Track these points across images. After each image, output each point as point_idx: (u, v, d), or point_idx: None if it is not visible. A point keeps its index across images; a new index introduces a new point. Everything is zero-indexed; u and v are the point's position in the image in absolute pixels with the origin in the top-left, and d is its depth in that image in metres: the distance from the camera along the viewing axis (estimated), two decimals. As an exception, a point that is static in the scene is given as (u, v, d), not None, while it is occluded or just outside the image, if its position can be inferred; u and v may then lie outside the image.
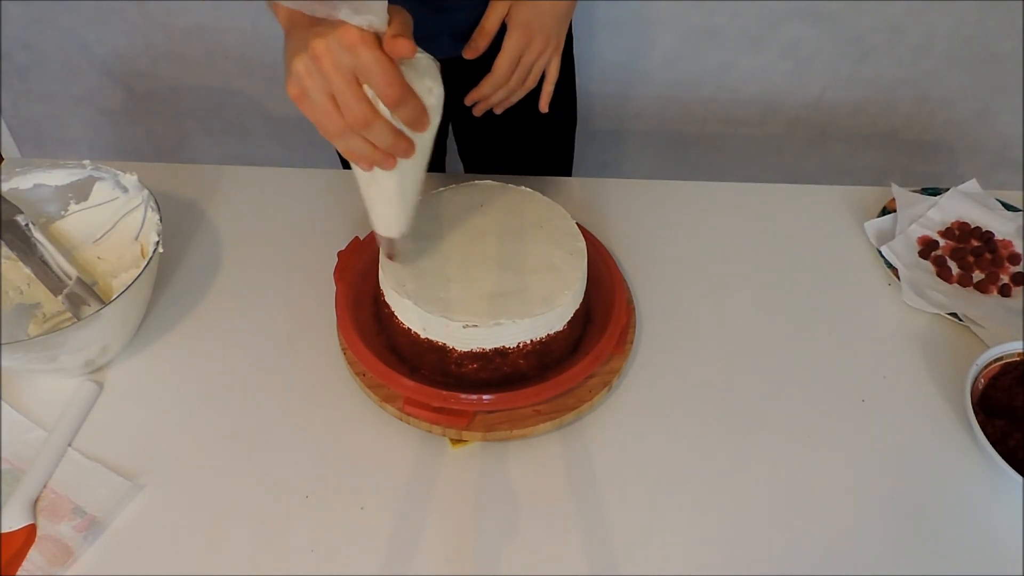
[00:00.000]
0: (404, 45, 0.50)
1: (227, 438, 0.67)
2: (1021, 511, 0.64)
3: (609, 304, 0.73)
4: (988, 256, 0.83)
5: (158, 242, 0.70)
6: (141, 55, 1.64)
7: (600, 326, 0.72)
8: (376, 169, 0.56)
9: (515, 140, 1.07)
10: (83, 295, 0.72)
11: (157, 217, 0.73)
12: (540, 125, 1.07)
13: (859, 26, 1.49)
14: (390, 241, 0.65)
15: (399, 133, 0.53)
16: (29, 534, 0.60)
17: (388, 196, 0.60)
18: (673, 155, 1.72)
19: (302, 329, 0.76)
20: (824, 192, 0.93)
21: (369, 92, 0.51)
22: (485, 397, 0.65)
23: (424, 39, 0.93)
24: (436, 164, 1.15)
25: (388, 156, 0.54)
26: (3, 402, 0.68)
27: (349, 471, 0.65)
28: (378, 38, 0.50)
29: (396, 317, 0.69)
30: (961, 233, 0.86)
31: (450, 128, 1.12)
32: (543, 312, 0.66)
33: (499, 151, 1.09)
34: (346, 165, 1.11)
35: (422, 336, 0.67)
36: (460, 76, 0.97)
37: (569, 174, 1.16)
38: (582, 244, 0.72)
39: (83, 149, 1.85)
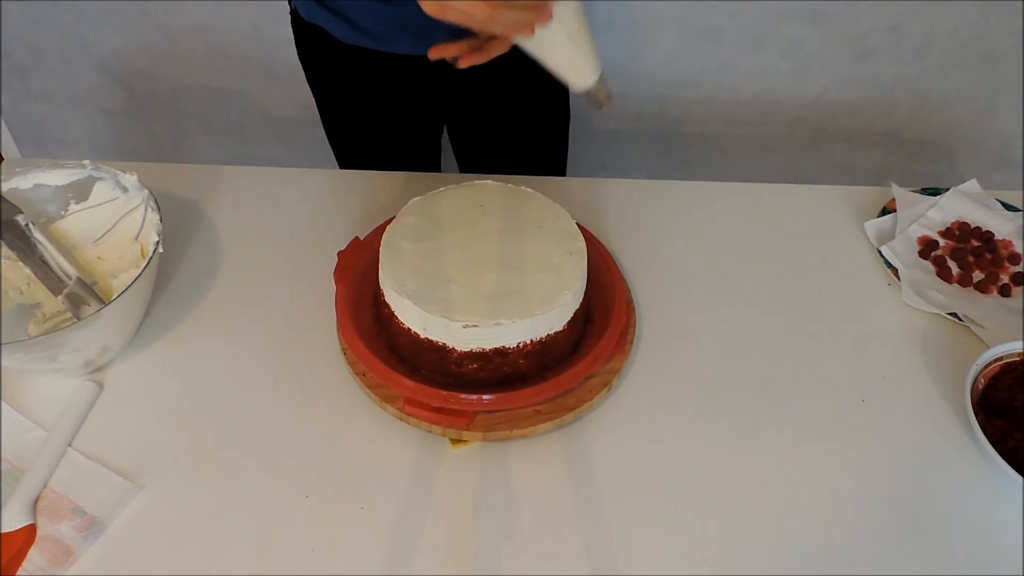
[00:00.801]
0: None
1: (227, 438, 0.67)
2: (1021, 511, 0.64)
3: (609, 304, 0.73)
4: (988, 256, 0.83)
5: (158, 242, 0.70)
6: (141, 55, 1.64)
7: (600, 326, 0.72)
8: (540, 32, 0.61)
9: (509, 137, 1.07)
10: (83, 295, 0.72)
11: (157, 217, 0.73)
12: (534, 122, 1.07)
13: (859, 26, 1.48)
14: (593, 89, 0.69)
15: None
16: (29, 534, 0.60)
17: (565, 50, 0.66)
18: (673, 155, 1.72)
19: (302, 329, 0.76)
20: (824, 192, 0.93)
21: None
22: (485, 397, 0.65)
23: (422, 36, 0.94)
24: (431, 162, 1.15)
25: (540, 10, 0.59)
26: (3, 402, 0.68)
27: (349, 471, 0.65)
28: None
29: (396, 317, 0.69)
30: (961, 233, 0.86)
31: (444, 127, 1.13)
32: (543, 312, 0.66)
33: (494, 148, 1.09)
34: (345, 165, 1.11)
35: (422, 336, 0.67)
36: (453, 75, 0.97)
37: (564, 170, 1.16)
38: (582, 244, 0.72)
39: (83, 149, 1.85)
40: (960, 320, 0.77)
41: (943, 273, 0.83)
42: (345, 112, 1.04)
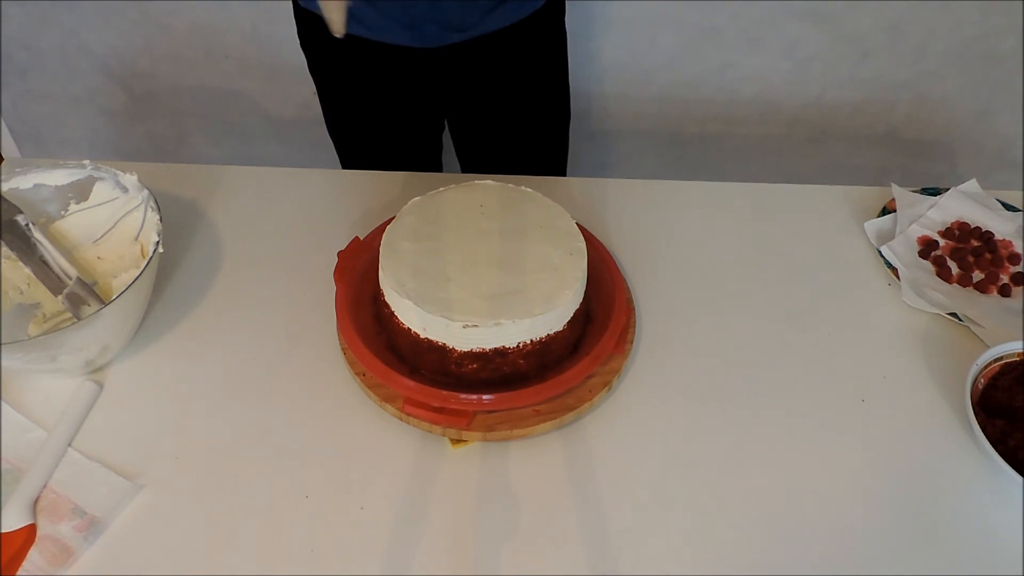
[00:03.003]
0: None
1: (227, 438, 0.67)
2: (1021, 511, 0.64)
3: (609, 304, 0.73)
4: (988, 256, 0.83)
5: (158, 242, 0.70)
6: (141, 55, 1.64)
7: (600, 326, 0.72)
8: None
9: (510, 135, 1.07)
10: (83, 295, 0.72)
11: (157, 217, 0.73)
12: (534, 120, 1.07)
13: (859, 26, 1.48)
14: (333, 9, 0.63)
15: None
16: (29, 534, 0.60)
17: None
18: (673, 155, 1.72)
19: (302, 329, 0.76)
20: (824, 192, 0.93)
21: None
22: (485, 397, 0.65)
23: (408, 26, 0.94)
24: (432, 160, 1.15)
25: None
26: (3, 402, 0.68)
27: (349, 471, 0.65)
28: None
29: (396, 317, 0.69)
30: (961, 233, 0.86)
31: (446, 124, 1.13)
32: (543, 312, 0.65)
33: (495, 146, 1.09)
34: (346, 165, 1.11)
35: (422, 336, 0.67)
36: (452, 69, 0.98)
37: (564, 168, 1.16)
38: (582, 244, 0.72)
39: (83, 149, 1.85)
40: (960, 320, 0.77)
41: (943, 273, 0.83)
42: (345, 104, 1.04)
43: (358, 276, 0.75)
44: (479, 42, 0.94)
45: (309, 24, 0.96)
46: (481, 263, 0.69)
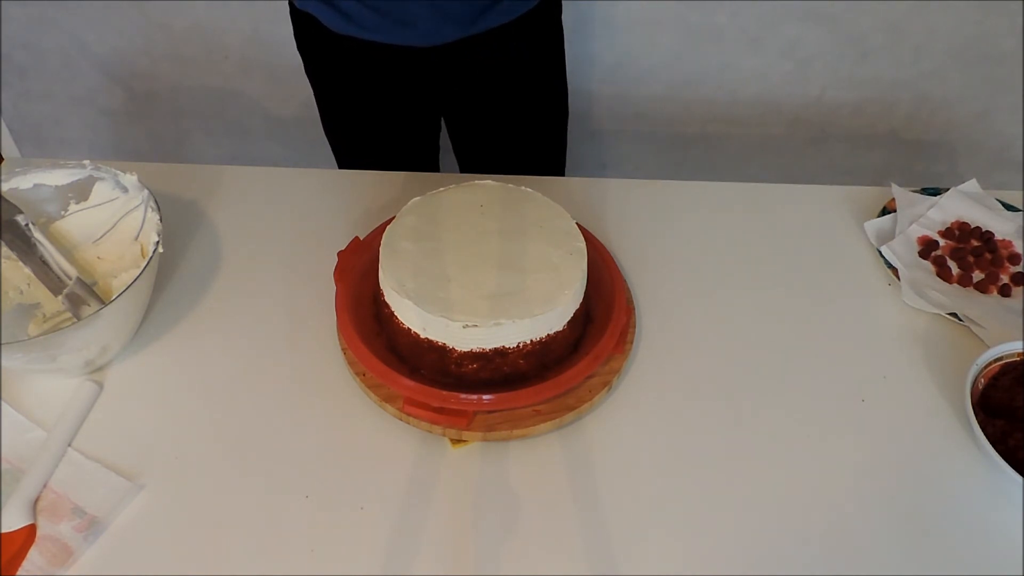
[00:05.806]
0: None
1: (227, 438, 0.67)
2: (1021, 511, 0.64)
3: (609, 304, 0.73)
4: (988, 256, 0.83)
5: (158, 242, 0.70)
6: (141, 55, 1.64)
7: (600, 326, 0.72)
8: None
9: (508, 135, 1.07)
10: (83, 295, 0.72)
11: (157, 217, 0.73)
12: (532, 119, 1.07)
13: (859, 26, 1.48)
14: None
15: None
16: (29, 534, 0.60)
17: None
18: (673, 155, 1.72)
19: (302, 329, 0.76)
20: (824, 192, 0.93)
21: None
22: (485, 397, 0.65)
23: (404, 23, 0.94)
24: (430, 161, 1.15)
25: None
26: (3, 402, 0.68)
27: (349, 471, 0.65)
28: None
29: (396, 317, 0.69)
30: (961, 233, 0.86)
31: (443, 124, 1.13)
32: (543, 312, 0.65)
33: (493, 146, 1.09)
34: (344, 165, 1.11)
35: (422, 336, 0.67)
36: (447, 68, 0.98)
37: (563, 167, 1.16)
38: (582, 244, 0.72)
39: (83, 149, 1.85)
40: (960, 320, 0.77)
41: (943, 273, 0.83)
42: (342, 105, 1.04)
43: (358, 276, 0.75)
44: (474, 41, 0.94)
45: (305, 25, 0.96)
46: (481, 263, 0.69)
